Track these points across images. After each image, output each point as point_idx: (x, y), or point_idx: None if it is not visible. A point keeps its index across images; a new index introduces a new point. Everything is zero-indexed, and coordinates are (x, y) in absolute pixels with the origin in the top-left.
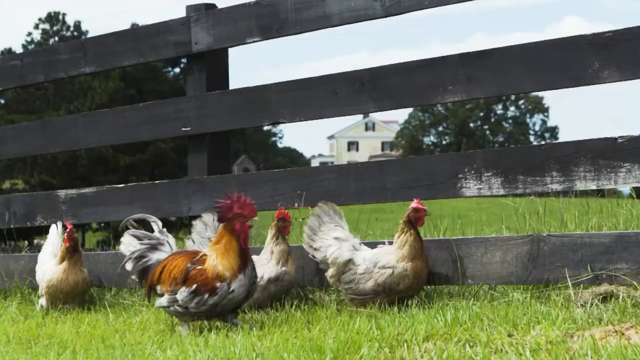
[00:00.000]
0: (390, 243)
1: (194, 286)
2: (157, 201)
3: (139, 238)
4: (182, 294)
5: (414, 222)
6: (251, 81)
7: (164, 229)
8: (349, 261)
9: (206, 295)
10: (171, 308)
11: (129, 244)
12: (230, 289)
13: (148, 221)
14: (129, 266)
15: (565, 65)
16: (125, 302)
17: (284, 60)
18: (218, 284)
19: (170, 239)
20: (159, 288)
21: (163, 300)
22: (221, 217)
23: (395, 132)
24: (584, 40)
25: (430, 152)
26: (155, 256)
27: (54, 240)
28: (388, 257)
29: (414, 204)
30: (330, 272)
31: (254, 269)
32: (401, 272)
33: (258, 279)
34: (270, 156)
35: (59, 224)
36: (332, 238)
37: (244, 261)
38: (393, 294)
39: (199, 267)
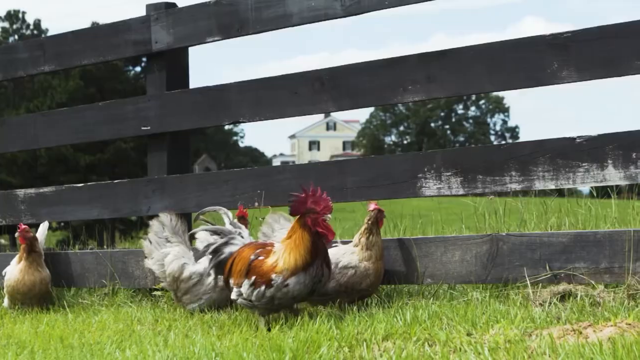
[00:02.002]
0: (344, 243)
1: (253, 278)
2: (116, 201)
3: (212, 233)
4: (244, 286)
5: (377, 223)
6: (213, 81)
7: (235, 220)
8: None
9: (263, 287)
10: (239, 300)
11: (203, 239)
12: (285, 283)
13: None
14: (204, 262)
15: (524, 66)
16: (84, 302)
17: (245, 60)
18: (273, 276)
19: (244, 230)
20: (230, 281)
21: (233, 293)
22: (293, 211)
23: (357, 131)
24: (543, 41)
25: (392, 151)
26: (228, 249)
27: None
28: (349, 257)
29: (373, 205)
30: None
31: (323, 266)
32: (363, 272)
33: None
34: (231, 155)
35: (45, 224)
36: None
37: (312, 259)
38: (354, 294)
39: (260, 259)
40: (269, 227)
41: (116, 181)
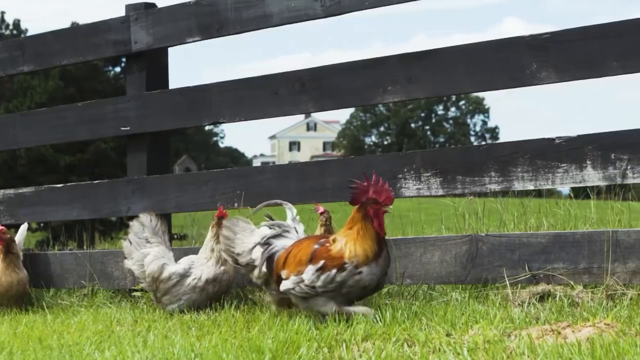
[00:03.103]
0: None
1: (321, 262)
2: (96, 201)
3: (269, 227)
4: (308, 273)
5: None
6: (194, 81)
7: (297, 217)
8: None
9: (334, 271)
10: (296, 288)
11: (263, 235)
12: (358, 270)
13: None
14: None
15: (504, 66)
16: (63, 303)
17: (226, 61)
18: (346, 259)
19: (300, 226)
20: (284, 273)
21: (288, 282)
22: (354, 200)
23: (337, 132)
24: (523, 42)
25: (372, 152)
26: (281, 243)
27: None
28: None
29: (322, 208)
30: (257, 274)
31: (387, 258)
32: None
33: (195, 280)
34: (211, 156)
35: (25, 225)
36: (253, 242)
37: (380, 249)
38: None
39: (326, 245)
40: (229, 230)
41: (96, 182)
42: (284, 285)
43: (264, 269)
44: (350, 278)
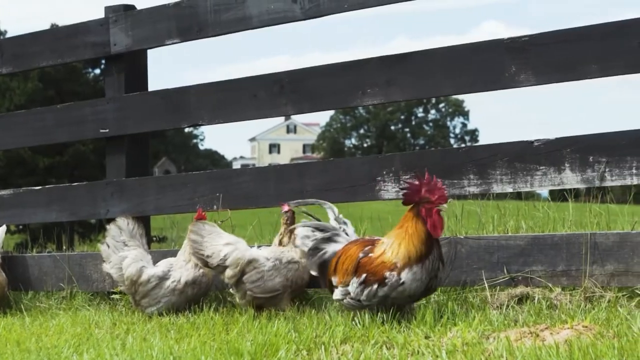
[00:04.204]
0: (259, 247)
1: (363, 276)
2: (75, 204)
3: (313, 229)
4: (353, 285)
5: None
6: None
7: (340, 215)
8: (253, 260)
9: (375, 286)
10: (344, 301)
11: (304, 236)
12: (401, 281)
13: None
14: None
15: (483, 69)
16: (42, 306)
17: (206, 63)
18: (387, 274)
19: (349, 226)
20: (334, 280)
21: (337, 293)
22: (406, 200)
23: (317, 134)
24: (502, 44)
25: (352, 154)
26: (331, 248)
27: None
28: (291, 254)
29: (287, 207)
30: (229, 274)
31: (436, 260)
32: (305, 266)
33: (175, 282)
34: (191, 158)
35: (4, 228)
36: (222, 244)
37: (427, 252)
38: (297, 289)
39: (369, 255)
40: (196, 234)
41: (75, 184)
42: (335, 295)
43: (314, 273)
44: (393, 291)
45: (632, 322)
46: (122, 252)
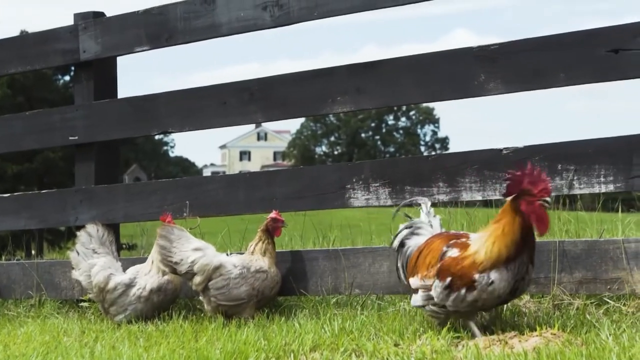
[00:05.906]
0: (230, 254)
1: (448, 280)
2: (43, 211)
3: (406, 227)
4: (437, 289)
5: (272, 231)
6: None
7: (431, 210)
8: (220, 267)
9: (463, 291)
10: (427, 307)
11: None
12: (490, 280)
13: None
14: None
15: (452, 77)
16: (10, 314)
17: (176, 70)
18: (476, 276)
19: (435, 220)
20: (412, 281)
21: (418, 299)
22: (507, 192)
23: (288, 142)
24: (471, 53)
25: (322, 162)
26: (414, 241)
27: None
28: (259, 263)
29: (273, 214)
30: (197, 280)
31: (525, 263)
32: (274, 276)
33: (140, 290)
34: (162, 165)
35: None
36: (191, 250)
37: (517, 253)
38: (264, 299)
39: (454, 254)
40: (165, 239)
41: (44, 191)
42: (414, 302)
43: (401, 275)
44: (483, 293)
45: (600, 329)
46: (92, 260)
